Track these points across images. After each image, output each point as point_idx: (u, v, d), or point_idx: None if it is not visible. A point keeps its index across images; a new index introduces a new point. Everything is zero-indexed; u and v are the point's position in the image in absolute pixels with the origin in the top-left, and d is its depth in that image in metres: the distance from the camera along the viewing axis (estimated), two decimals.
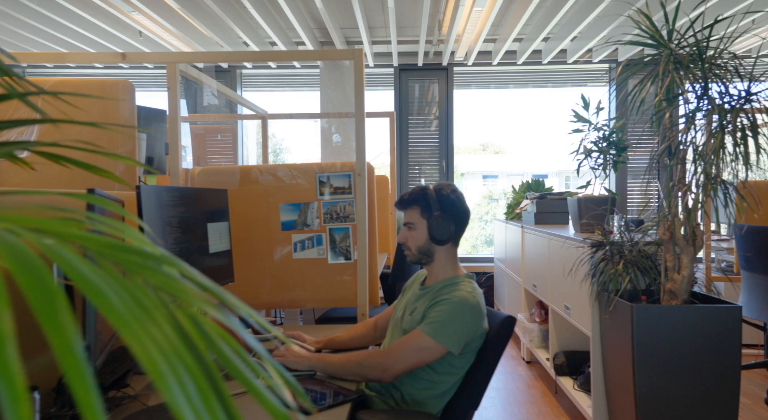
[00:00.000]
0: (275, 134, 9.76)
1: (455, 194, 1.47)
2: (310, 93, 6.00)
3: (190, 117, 3.93)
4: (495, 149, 14.33)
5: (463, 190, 5.79)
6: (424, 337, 1.33)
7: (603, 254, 2.20)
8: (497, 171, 13.72)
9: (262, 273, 2.15)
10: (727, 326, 1.86)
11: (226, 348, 0.35)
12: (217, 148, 5.99)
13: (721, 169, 1.98)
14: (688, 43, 2.11)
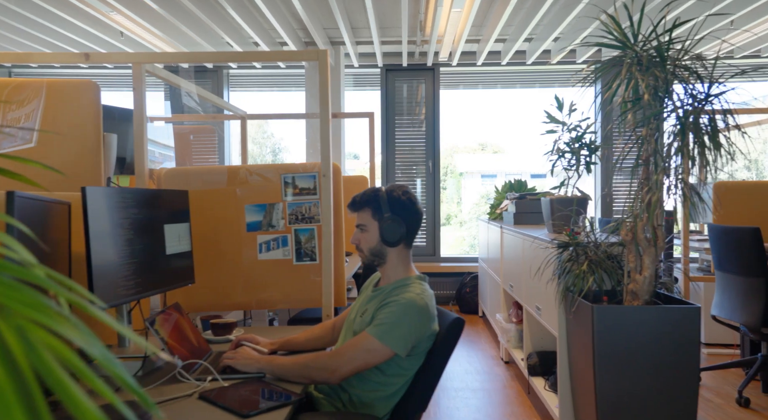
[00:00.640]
0: (274, 134, 9.76)
1: (407, 196, 1.47)
2: (299, 93, 5.99)
3: (168, 118, 3.92)
4: (494, 149, 14.35)
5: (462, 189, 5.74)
6: (371, 339, 1.33)
7: (569, 255, 2.21)
8: (496, 170, 13.74)
9: (229, 274, 2.15)
10: (687, 326, 1.87)
11: (56, 358, 0.35)
12: (203, 149, 5.99)
13: (682, 170, 1.99)
14: (652, 46, 2.12)
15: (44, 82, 2.03)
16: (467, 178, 13.42)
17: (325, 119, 2.04)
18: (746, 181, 3.91)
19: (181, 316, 1.56)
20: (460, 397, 3.02)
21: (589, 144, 2.74)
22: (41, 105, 2.07)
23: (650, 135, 2.05)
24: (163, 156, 4.50)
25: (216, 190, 2.16)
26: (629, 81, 2.14)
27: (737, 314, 2.89)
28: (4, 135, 2.03)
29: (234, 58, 1.94)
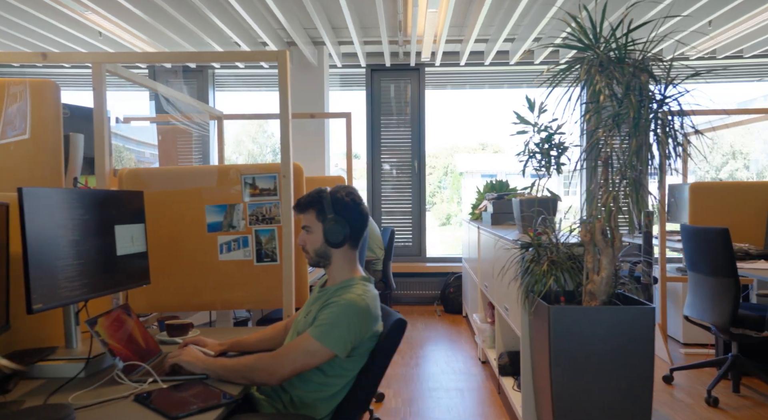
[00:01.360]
0: (274, 134, 9.76)
1: (350, 197, 1.48)
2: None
3: (143, 117, 3.91)
4: (494, 148, 14.36)
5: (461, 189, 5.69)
6: (310, 341, 1.33)
7: (532, 255, 2.22)
8: (496, 170, 13.75)
9: (191, 275, 2.15)
10: (641, 327, 1.87)
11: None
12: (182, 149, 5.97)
13: (640, 171, 2.00)
14: (611, 48, 2.12)
15: (3, 81, 2.03)
16: (467, 177, 13.44)
17: (285, 120, 2.04)
18: (722, 181, 3.92)
19: (129, 318, 1.56)
20: (434, 397, 3.02)
21: (558, 145, 2.75)
22: (2, 106, 2.07)
23: (607, 136, 2.06)
24: (154, 156, 4.49)
25: (178, 190, 2.16)
26: (590, 82, 2.14)
27: (707, 314, 2.90)
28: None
29: (192, 59, 1.94)
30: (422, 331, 4.63)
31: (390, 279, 4.77)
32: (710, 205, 3.67)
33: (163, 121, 4.52)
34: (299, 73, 5.32)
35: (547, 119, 2.90)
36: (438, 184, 13.56)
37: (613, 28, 2.08)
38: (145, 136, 3.87)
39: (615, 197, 1.98)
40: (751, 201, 3.64)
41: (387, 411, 2.80)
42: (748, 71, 5.60)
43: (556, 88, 2.30)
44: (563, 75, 2.29)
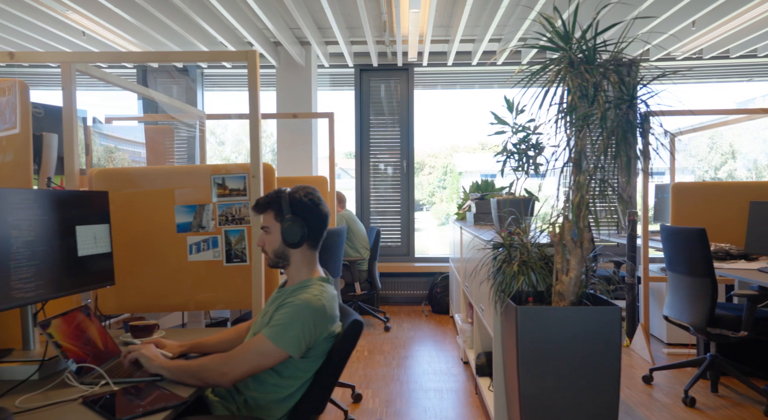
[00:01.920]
0: (273, 133, 9.78)
1: (309, 197, 1.47)
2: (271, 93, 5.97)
3: (122, 117, 3.90)
4: (494, 149, 14.36)
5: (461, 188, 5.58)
6: (264, 341, 1.33)
7: (504, 256, 2.21)
8: (495, 170, 13.76)
9: (161, 276, 2.14)
10: (607, 327, 1.87)
11: None
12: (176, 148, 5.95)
13: (609, 172, 2.00)
14: (581, 49, 2.12)
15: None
16: (467, 177, 13.45)
17: (254, 120, 2.03)
18: (704, 181, 3.93)
19: (88, 319, 1.55)
20: (412, 397, 3.01)
21: (535, 145, 2.74)
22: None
23: (577, 137, 2.05)
24: None
25: (149, 191, 2.15)
26: (561, 83, 2.14)
27: (685, 314, 2.90)
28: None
29: (157, 58, 1.93)
30: (408, 331, 4.62)
31: (375, 279, 4.77)
32: (692, 205, 3.68)
33: (148, 121, 4.51)
34: (286, 73, 5.31)
35: (525, 119, 2.90)
36: (438, 183, 13.59)
37: (582, 30, 2.08)
38: (140, 136, 3.87)
39: (583, 198, 1.98)
40: (732, 201, 3.65)
41: (364, 412, 2.79)
42: (736, 72, 5.61)
43: (534, 89, 2.30)
44: (536, 76, 2.29)
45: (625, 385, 3.12)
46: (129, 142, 3.85)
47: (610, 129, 1.96)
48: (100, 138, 3.88)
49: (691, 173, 10.91)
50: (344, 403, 2.91)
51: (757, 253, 3.32)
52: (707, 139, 11.82)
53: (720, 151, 12.20)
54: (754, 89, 6.17)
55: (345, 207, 4.93)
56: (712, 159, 12.10)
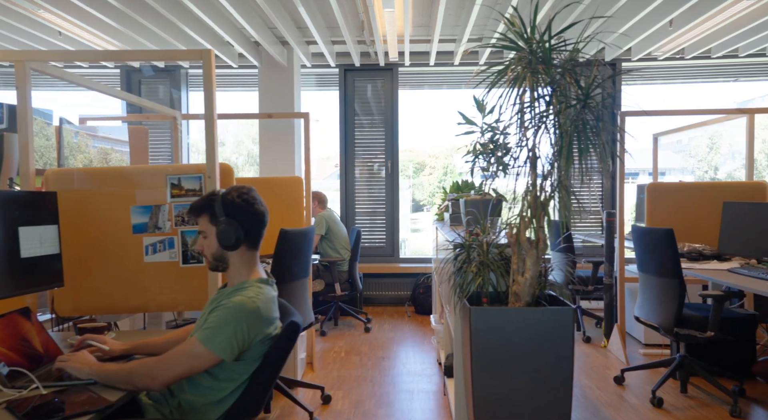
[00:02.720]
0: None
1: (242, 198, 1.46)
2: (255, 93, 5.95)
3: (98, 117, 3.88)
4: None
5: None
6: (196, 344, 1.31)
7: (464, 257, 2.21)
8: None
9: (117, 277, 2.12)
10: (560, 328, 1.86)
11: None
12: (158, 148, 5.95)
13: (565, 174, 1.99)
14: (543, 49, 2.11)
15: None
16: (466, 177, 13.44)
17: (209, 120, 2.02)
18: (679, 182, 3.93)
19: (28, 321, 1.54)
20: (383, 399, 3.00)
21: (501, 145, 2.73)
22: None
23: (534, 137, 2.05)
24: None
25: (105, 191, 2.13)
26: (519, 83, 2.14)
27: (654, 315, 2.89)
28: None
29: (110, 57, 1.91)
30: (388, 332, 4.61)
31: (356, 280, 4.76)
32: (667, 206, 3.68)
33: (133, 120, 4.49)
34: (268, 73, 5.30)
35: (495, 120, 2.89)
36: (438, 183, 13.62)
37: (540, 32, 2.07)
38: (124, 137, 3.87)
39: (536, 199, 1.97)
40: (707, 201, 3.64)
41: (331, 413, 2.78)
42: (719, 72, 5.62)
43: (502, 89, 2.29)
44: (497, 76, 2.29)
45: (596, 386, 3.12)
46: (113, 141, 3.85)
47: (564, 129, 1.95)
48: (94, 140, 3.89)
49: (691, 173, 10.89)
50: (314, 404, 2.90)
51: (730, 253, 3.32)
52: (707, 140, 11.81)
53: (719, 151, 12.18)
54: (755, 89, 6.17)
55: (326, 207, 4.92)
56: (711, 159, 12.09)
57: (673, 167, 11.39)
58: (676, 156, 11.57)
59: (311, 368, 3.56)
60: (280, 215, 3.64)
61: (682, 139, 11.36)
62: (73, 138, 3.66)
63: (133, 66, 5.54)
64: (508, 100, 2.27)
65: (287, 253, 2.56)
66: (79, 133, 3.76)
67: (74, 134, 3.67)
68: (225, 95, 6.29)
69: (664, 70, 5.56)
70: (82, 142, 3.75)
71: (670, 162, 11.71)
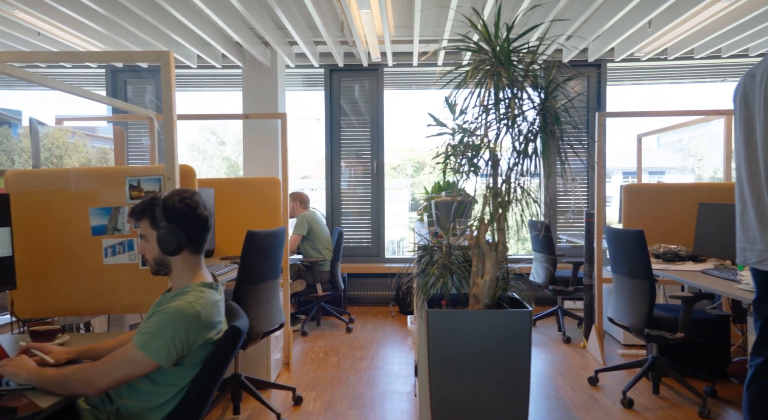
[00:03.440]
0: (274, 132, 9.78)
1: (184, 203, 1.44)
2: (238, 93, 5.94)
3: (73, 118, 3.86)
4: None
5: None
6: (133, 350, 1.30)
7: (428, 259, 2.20)
8: None
9: (77, 279, 2.11)
10: (518, 330, 1.86)
11: None
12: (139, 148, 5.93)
13: (520, 174, 1.98)
14: (500, 50, 2.10)
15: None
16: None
17: (169, 120, 2.00)
18: (654, 183, 3.93)
19: None
20: (356, 400, 3.00)
21: (472, 146, 2.73)
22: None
23: (494, 139, 2.04)
24: None
25: (64, 193, 2.12)
26: (481, 85, 2.13)
27: (625, 316, 2.89)
28: None
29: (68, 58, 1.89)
30: (370, 332, 4.61)
31: (338, 280, 4.75)
32: (643, 207, 3.68)
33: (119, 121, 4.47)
34: (252, 74, 5.28)
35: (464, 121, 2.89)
36: None
37: (499, 35, 2.07)
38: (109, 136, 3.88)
39: (494, 200, 1.97)
40: (683, 202, 3.65)
41: (301, 414, 2.78)
42: (704, 72, 5.63)
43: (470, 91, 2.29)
44: (456, 78, 2.28)
45: (569, 387, 3.12)
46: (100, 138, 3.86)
47: (525, 132, 1.95)
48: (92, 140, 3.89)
49: (691, 173, 10.86)
50: (286, 405, 2.89)
51: (705, 254, 3.33)
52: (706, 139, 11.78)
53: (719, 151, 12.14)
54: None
55: (308, 208, 4.91)
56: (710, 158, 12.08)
57: (673, 166, 11.37)
58: (676, 155, 11.54)
59: (287, 369, 3.55)
60: (256, 216, 3.63)
61: (682, 139, 11.32)
62: (70, 138, 3.68)
63: (117, 66, 5.52)
64: (471, 101, 2.26)
65: (255, 255, 2.55)
66: (76, 133, 3.78)
67: (71, 134, 3.70)
68: (210, 95, 6.28)
69: (648, 70, 5.57)
70: (79, 142, 3.78)
71: (670, 161, 11.67)
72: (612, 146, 6.28)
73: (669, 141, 12.38)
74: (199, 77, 5.96)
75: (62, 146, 3.63)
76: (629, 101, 6.16)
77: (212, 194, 3.45)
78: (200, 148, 9.37)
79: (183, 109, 6.11)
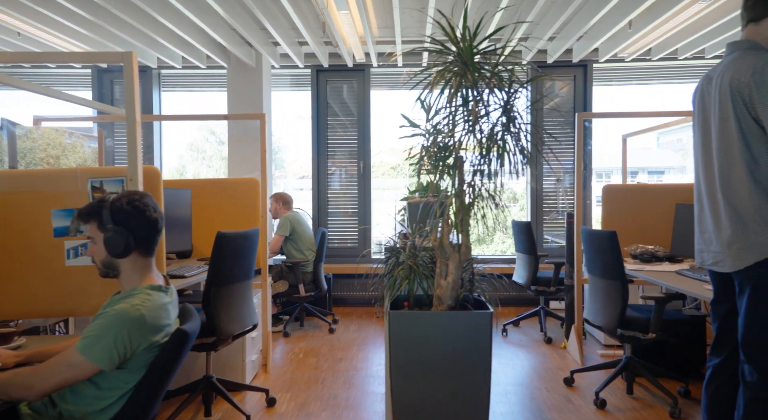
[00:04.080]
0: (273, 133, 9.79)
1: (132, 205, 1.43)
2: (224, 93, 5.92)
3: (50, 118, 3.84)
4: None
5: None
6: (74, 353, 1.30)
7: (394, 260, 2.20)
8: None
9: (38, 281, 2.10)
10: (479, 331, 1.86)
11: None
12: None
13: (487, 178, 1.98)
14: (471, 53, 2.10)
15: None
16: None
17: (131, 121, 2.00)
18: (634, 184, 3.94)
19: None
20: (330, 401, 2.99)
21: (444, 147, 2.72)
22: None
23: (457, 141, 2.04)
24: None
25: (26, 194, 2.11)
26: (447, 86, 2.13)
27: (599, 316, 2.89)
28: None
29: (19, 59, 1.89)
30: (353, 332, 4.60)
31: (321, 281, 4.74)
32: (622, 208, 3.68)
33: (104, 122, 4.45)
34: (237, 74, 5.27)
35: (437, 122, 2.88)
36: None
37: (468, 33, 2.06)
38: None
39: (454, 202, 1.96)
40: (662, 203, 3.65)
41: (274, 416, 2.77)
42: (689, 73, 5.64)
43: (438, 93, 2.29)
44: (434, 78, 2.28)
45: (545, 388, 3.12)
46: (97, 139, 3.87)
47: (484, 132, 1.95)
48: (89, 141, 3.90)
49: (692, 172, 10.82)
50: (259, 407, 2.88)
51: (682, 255, 3.33)
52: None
53: None
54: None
55: (291, 209, 4.90)
56: None
57: (672, 166, 11.38)
58: (676, 155, 11.54)
59: (265, 370, 3.54)
60: (235, 217, 3.63)
61: (682, 138, 11.33)
62: (67, 139, 3.69)
63: (102, 66, 5.50)
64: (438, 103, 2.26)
65: (226, 256, 2.54)
66: (74, 133, 3.79)
67: (68, 135, 3.70)
68: (204, 95, 6.25)
69: (633, 71, 5.57)
70: (77, 142, 3.79)
71: (669, 161, 11.68)
72: (607, 147, 6.29)
73: (669, 140, 12.37)
74: (186, 77, 5.94)
75: (59, 147, 3.65)
76: (616, 102, 6.18)
77: (189, 195, 3.43)
78: (200, 148, 9.35)
79: (175, 110, 6.10)
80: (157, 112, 5.94)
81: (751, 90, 1.52)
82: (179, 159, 7.33)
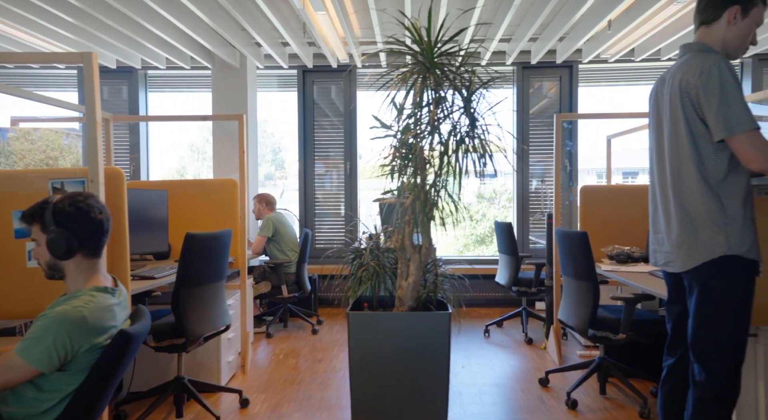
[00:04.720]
0: (274, 133, 9.74)
1: (75, 206, 1.43)
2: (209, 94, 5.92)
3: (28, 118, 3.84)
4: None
5: (462, 189, 5.61)
6: (12, 356, 1.29)
7: (359, 261, 2.20)
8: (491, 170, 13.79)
9: (2, 282, 2.10)
10: (437, 332, 1.86)
11: None
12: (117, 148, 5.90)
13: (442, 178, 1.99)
14: (424, 53, 2.11)
15: None
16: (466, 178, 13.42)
17: (91, 122, 1.99)
18: (611, 185, 3.94)
19: None
20: (304, 402, 2.99)
21: (410, 148, 2.72)
22: None
23: (416, 143, 2.04)
24: None
25: None
26: (410, 88, 2.13)
27: (572, 317, 2.90)
28: None
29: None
30: (336, 333, 4.60)
31: (304, 281, 4.74)
32: (599, 208, 3.69)
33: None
34: (221, 75, 5.27)
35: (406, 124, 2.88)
36: None
37: (428, 34, 2.07)
38: None
39: (416, 201, 1.97)
40: (639, 203, 3.66)
41: (246, 417, 2.76)
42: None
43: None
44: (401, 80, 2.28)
45: (520, 388, 3.12)
46: None
47: (444, 136, 1.95)
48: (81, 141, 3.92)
49: None
50: (232, 408, 2.88)
51: None
52: None
53: None
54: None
55: (274, 210, 4.90)
56: None
57: None
58: None
59: (243, 371, 3.54)
60: (213, 218, 3.62)
61: None
62: (64, 140, 3.71)
63: None
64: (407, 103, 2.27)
65: (195, 257, 2.54)
66: (70, 134, 3.80)
67: (65, 136, 3.72)
68: (197, 96, 6.24)
69: (617, 72, 5.58)
70: (73, 143, 3.81)
71: None
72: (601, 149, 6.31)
73: None
74: (172, 78, 5.94)
75: (58, 148, 3.68)
76: (603, 103, 6.19)
77: (166, 196, 3.43)
78: (200, 148, 9.36)
79: (164, 110, 6.10)
80: (143, 113, 5.94)
81: (698, 91, 1.53)
82: (180, 159, 7.33)
